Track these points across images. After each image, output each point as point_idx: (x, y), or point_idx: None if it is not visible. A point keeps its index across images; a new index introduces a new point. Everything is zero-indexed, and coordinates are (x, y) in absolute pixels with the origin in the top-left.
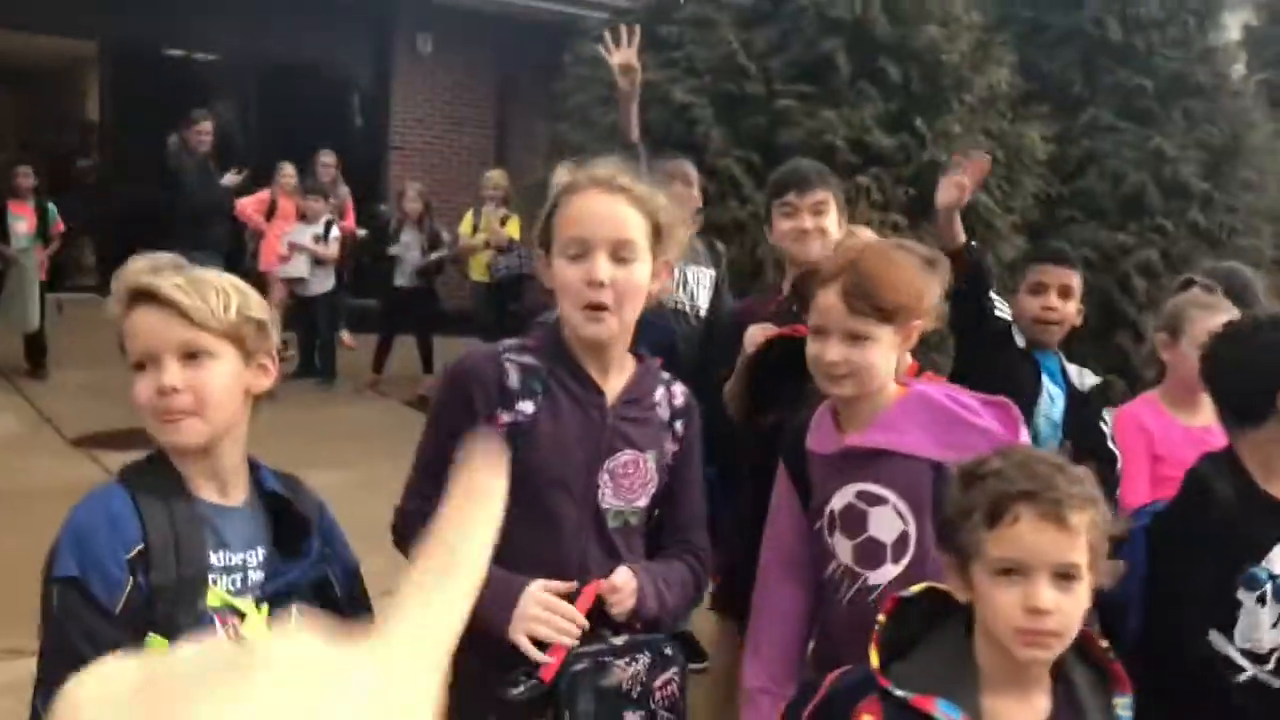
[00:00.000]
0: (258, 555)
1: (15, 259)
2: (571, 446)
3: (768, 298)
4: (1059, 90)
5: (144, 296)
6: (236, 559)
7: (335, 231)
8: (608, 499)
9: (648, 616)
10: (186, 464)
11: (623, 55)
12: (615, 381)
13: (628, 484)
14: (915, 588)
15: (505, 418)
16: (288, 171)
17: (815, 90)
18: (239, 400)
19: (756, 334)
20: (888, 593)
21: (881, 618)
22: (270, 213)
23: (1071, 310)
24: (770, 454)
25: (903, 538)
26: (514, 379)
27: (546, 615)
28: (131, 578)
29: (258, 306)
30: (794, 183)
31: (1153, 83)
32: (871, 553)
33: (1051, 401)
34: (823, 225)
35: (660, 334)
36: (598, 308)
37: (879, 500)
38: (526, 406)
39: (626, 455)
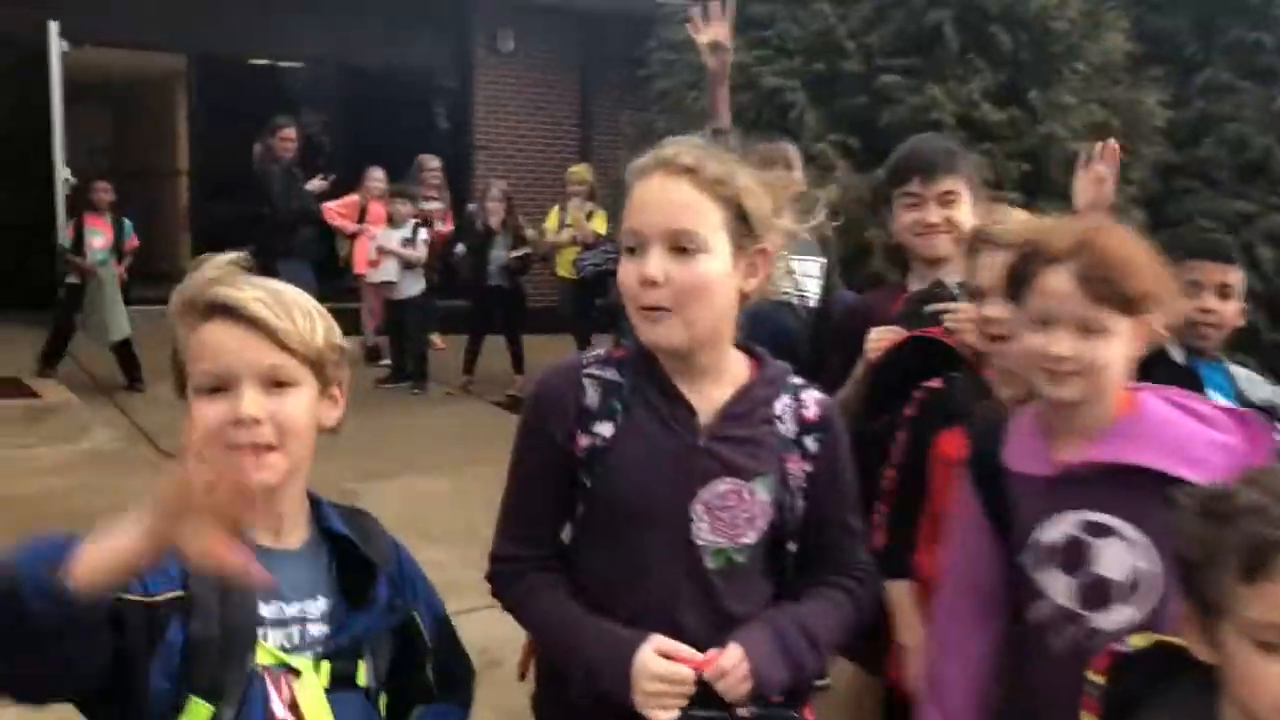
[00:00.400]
0: (319, 606)
1: (93, 272)
2: (654, 474)
3: (890, 294)
4: (1172, 51)
5: (222, 310)
6: (292, 610)
7: (423, 234)
8: (703, 535)
9: (775, 690)
10: None
11: (711, 32)
12: (714, 395)
13: (727, 518)
14: (1138, 639)
15: (583, 441)
16: (376, 176)
17: (919, 64)
18: (314, 435)
19: (881, 338)
20: (1117, 640)
21: (1097, 675)
22: (361, 217)
23: (1232, 311)
24: (879, 458)
25: (1138, 575)
26: (592, 397)
27: (660, 689)
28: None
29: (339, 333)
30: (917, 169)
31: (1272, 37)
32: (1098, 593)
33: None
34: (952, 217)
35: (776, 332)
36: (653, 309)
37: (1107, 531)
38: (604, 429)
39: (725, 485)
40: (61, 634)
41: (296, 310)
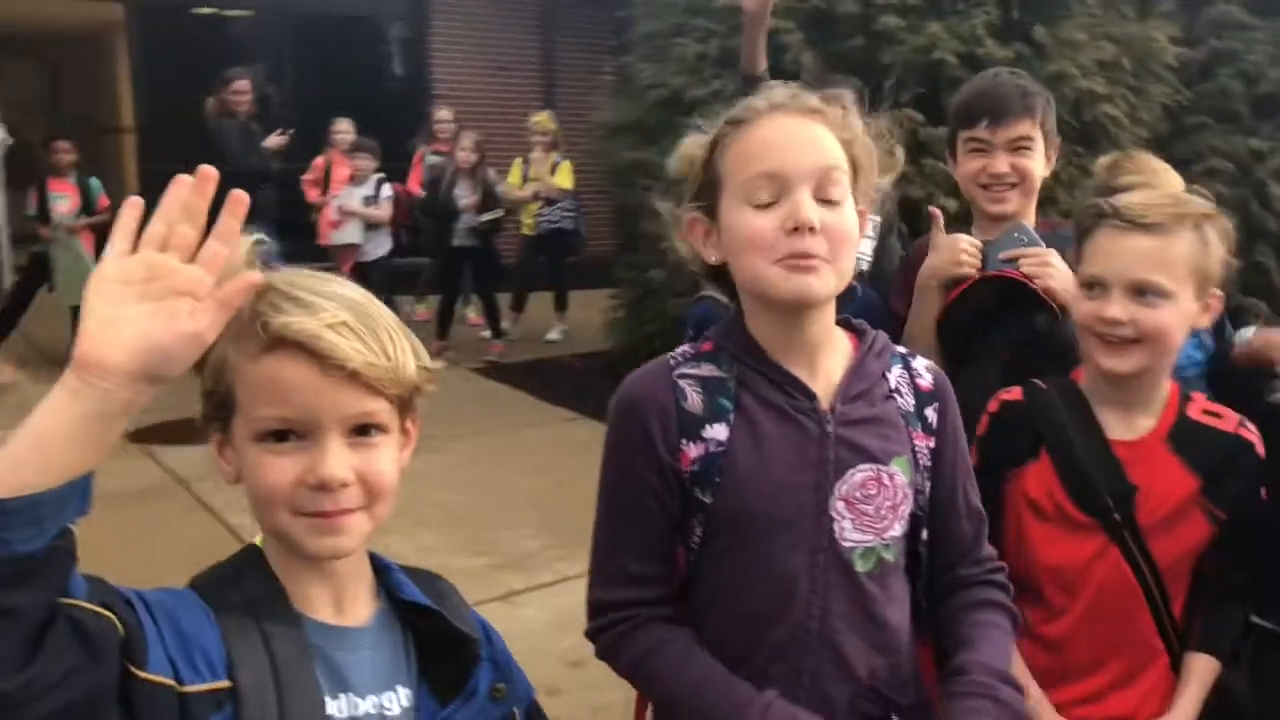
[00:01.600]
0: (401, 699)
1: (58, 239)
2: (785, 474)
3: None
4: None
5: (295, 346)
6: (367, 706)
7: (387, 190)
8: (848, 535)
9: None
10: (298, 571)
11: None
12: (828, 373)
13: (872, 510)
14: None
15: (693, 451)
16: (342, 127)
17: (918, 2)
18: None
19: (972, 247)
20: None
21: None
22: (326, 182)
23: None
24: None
25: None
26: (693, 399)
27: None
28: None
29: (425, 354)
30: (986, 110)
31: None
32: None
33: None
34: (1024, 167)
35: (864, 303)
36: (807, 256)
37: None
38: (718, 431)
39: (863, 472)
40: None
41: (385, 334)
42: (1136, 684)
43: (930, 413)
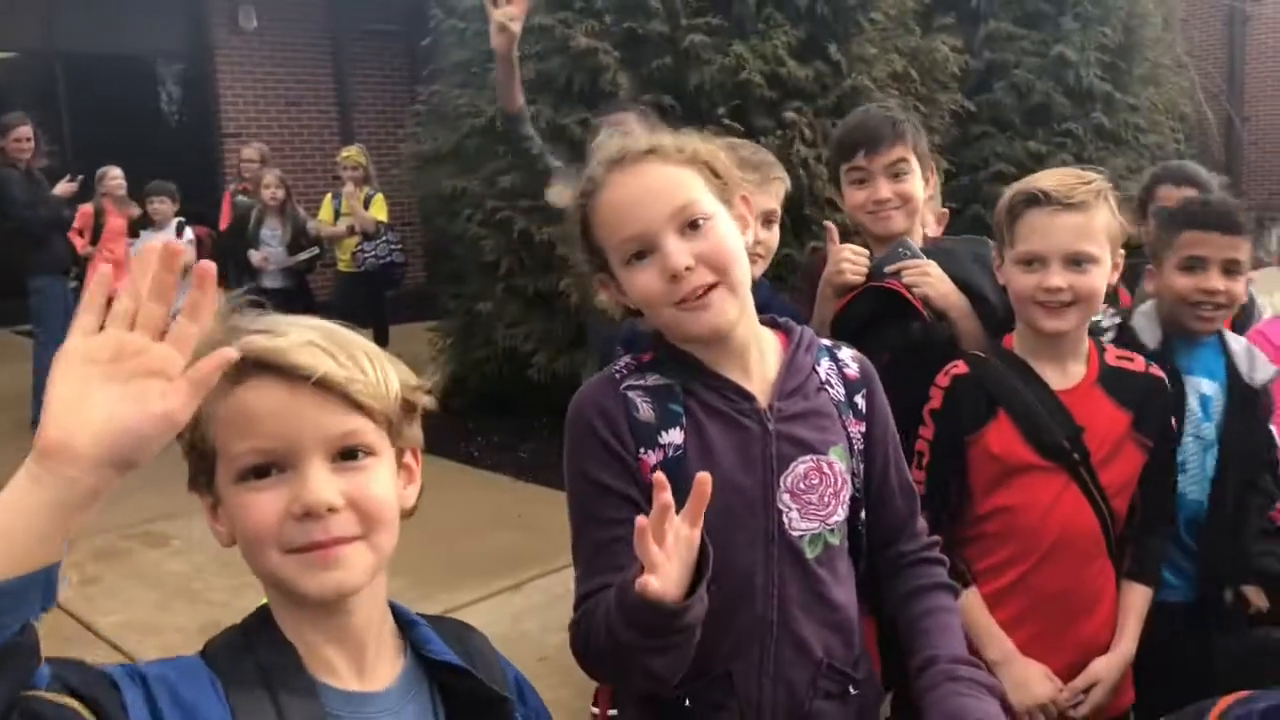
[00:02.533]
0: None
1: None
2: (734, 474)
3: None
4: (957, 1)
5: (263, 368)
6: None
7: (189, 234)
8: (796, 525)
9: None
10: (311, 631)
11: (505, 12)
12: (763, 372)
13: (816, 498)
14: None
15: (652, 458)
16: (114, 174)
17: (723, 23)
18: (398, 520)
19: (857, 258)
20: None
21: None
22: (96, 230)
23: (1241, 288)
24: None
25: None
26: (645, 410)
27: None
28: None
29: (413, 379)
30: (861, 141)
31: None
32: None
33: (1204, 413)
34: (904, 190)
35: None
36: (693, 295)
37: None
38: (673, 436)
39: (805, 463)
40: None
41: (361, 353)
42: (1096, 612)
43: (860, 399)
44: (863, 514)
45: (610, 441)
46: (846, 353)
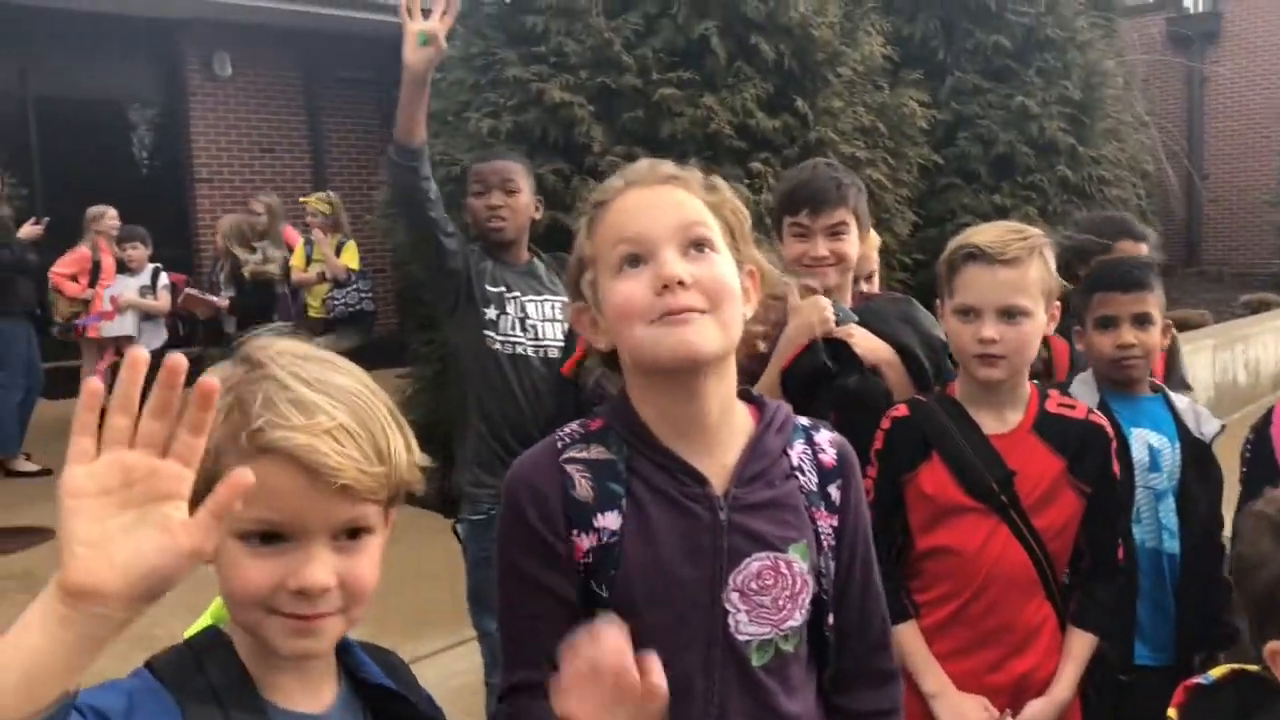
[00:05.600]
0: None
1: None
2: (675, 567)
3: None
4: (924, 56)
5: (281, 456)
6: None
7: (164, 279)
8: (744, 629)
9: None
10: (269, 657)
11: (427, 24)
12: (724, 452)
13: (769, 601)
14: (1217, 671)
15: (585, 542)
16: (111, 215)
17: (693, 76)
18: None
19: (827, 308)
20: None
21: (1173, 712)
22: (95, 273)
23: (1155, 338)
24: None
25: None
26: (583, 486)
27: None
28: None
29: (415, 446)
30: (806, 200)
31: (1009, 40)
32: None
33: (1153, 464)
34: (840, 250)
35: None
36: (683, 311)
37: None
38: (609, 520)
39: (759, 561)
40: None
41: (380, 432)
42: (1033, 646)
43: (834, 490)
44: (830, 618)
45: (539, 529)
46: (825, 435)
